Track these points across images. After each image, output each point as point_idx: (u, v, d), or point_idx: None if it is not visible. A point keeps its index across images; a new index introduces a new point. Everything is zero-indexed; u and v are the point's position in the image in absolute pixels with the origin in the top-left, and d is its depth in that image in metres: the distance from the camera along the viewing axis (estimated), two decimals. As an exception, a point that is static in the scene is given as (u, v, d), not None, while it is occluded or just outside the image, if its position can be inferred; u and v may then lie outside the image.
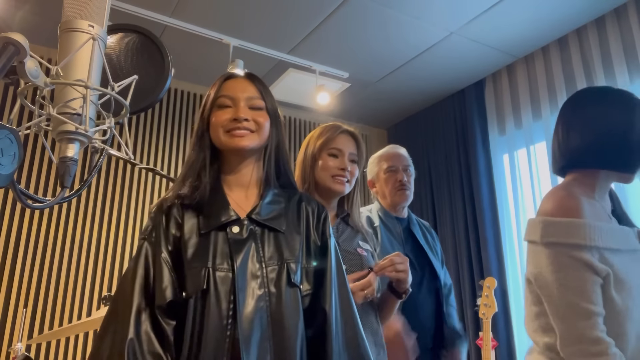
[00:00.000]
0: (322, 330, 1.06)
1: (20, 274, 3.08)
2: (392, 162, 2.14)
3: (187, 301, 1.01)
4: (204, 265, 1.04)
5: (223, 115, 1.17)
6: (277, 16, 3.12)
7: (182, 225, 1.09)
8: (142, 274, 1.04)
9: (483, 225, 3.56)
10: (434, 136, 4.19)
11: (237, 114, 1.16)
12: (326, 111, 4.16)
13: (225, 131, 1.16)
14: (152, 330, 0.98)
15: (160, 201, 1.15)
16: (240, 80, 1.21)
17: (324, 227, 1.19)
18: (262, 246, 1.09)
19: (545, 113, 3.37)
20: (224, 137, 1.16)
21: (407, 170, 2.14)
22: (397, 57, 3.57)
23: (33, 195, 0.83)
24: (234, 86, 1.20)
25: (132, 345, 0.95)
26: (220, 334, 1.00)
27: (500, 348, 3.22)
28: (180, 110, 3.89)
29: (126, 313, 0.98)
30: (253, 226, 1.11)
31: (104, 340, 0.98)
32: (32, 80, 0.74)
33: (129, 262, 1.09)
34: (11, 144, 0.64)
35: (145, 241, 1.09)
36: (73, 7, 0.84)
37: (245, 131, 1.15)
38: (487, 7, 3.03)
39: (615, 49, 3.01)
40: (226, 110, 1.17)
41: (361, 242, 1.61)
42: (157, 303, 1.01)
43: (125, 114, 0.90)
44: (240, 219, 1.11)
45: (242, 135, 1.15)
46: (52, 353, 3.08)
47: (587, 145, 1.29)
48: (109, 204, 3.45)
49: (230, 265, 1.05)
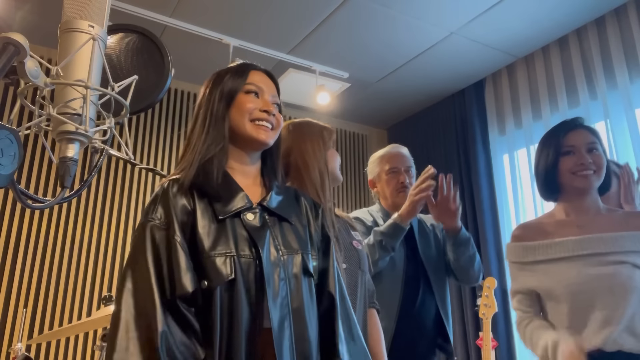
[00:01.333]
0: (330, 315, 1.10)
1: (20, 274, 3.08)
2: (395, 164, 2.11)
3: (211, 291, 0.98)
4: (228, 252, 1.01)
5: (250, 102, 1.15)
6: (277, 16, 3.12)
7: (195, 210, 1.04)
8: (153, 261, 0.98)
9: (483, 225, 3.56)
10: (434, 136, 4.19)
11: (268, 107, 1.15)
12: (326, 111, 4.16)
13: (252, 119, 1.14)
14: (177, 321, 0.95)
15: (167, 183, 1.08)
16: (264, 75, 1.21)
17: (323, 220, 1.22)
18: (277, 235, 1.09)
19: (545, 113, 3.37)
20: (249, 126, 1.13)
21: (409, 172, 2.11)
22: (397, 57, 3.57)
23: (33, 196, 0.83)
24: (260, 78, 1.19)
25: (165, 338, 0.92)
26: (252, 323, 0.98)
27: (500, 348, 3.21)
28: (180, 110, 3.89)
29: (149, 305, 0.93)
30: (265, 214, 1.11)
31: (129, 336, 0.92)
32: (32, 80, 0.74)
33: (132, 247, 1.03)
34: (11, 144, 0.64)
35: (150, 224, 1.02)
36: (73, 7, 0.84)
37: (270, 126, 1.16)
38: (487, 7, 3.03)
39: (615, 49, 3.01)
40: (253, 98, 1.16)
41: (354, 233, 1.63)
42: (178, 293, 0.96)
43: (125, 114, 0.90)
44: (253, 206, 1.10)
45: (267, 129, 1.15)
46: (52, 353, 3.07)
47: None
48: (109, 204, 3.45)
49: (253, 252, 1.03)
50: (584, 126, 1.57)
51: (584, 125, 1.58)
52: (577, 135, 1.54)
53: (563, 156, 1.53)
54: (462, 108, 3.99)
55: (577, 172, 1.50)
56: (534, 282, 1.52)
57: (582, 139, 1.53)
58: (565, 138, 1.54)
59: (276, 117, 1.17)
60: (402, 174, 2.09)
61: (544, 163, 1.55)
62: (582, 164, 1.49)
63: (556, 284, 1.46)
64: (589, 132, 1.55)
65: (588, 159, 1.50)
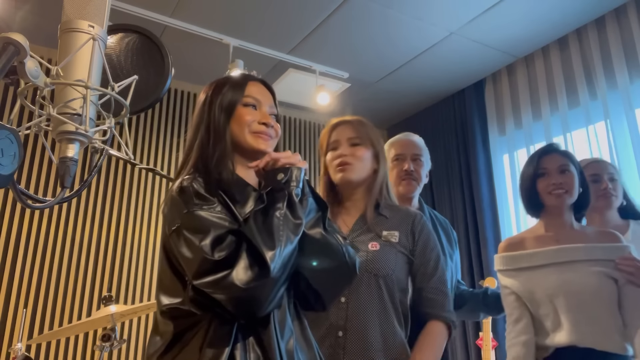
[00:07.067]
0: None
1: (20, 274, 3.08)
2: (400, 150, 1.95)
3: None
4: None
5: (249, 115, 1.17)
6: (277, 16, 3.12)
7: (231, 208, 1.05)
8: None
9: (483, 225, 3.56)
10: (434, 136, 4.19)
11: (266, 119, 1.18)
12: (326, 111, 4.15)
13: (251, 131, 1.17)
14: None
15: (187, 182, 1.04)
16: (261, 86, 1.24)
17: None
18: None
19: (545, 113, 3.37)
20: (249, 137, 1.16)
21: (416, 160, 1.93)
22: (397, 57, 3.57)
23: (33, 196, 0.83)
24: (257, 90, 1.22)
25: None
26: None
27: (500, 348, 3.21)
28: (180, 110, 3.89)
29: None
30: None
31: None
32: (32, 80, 0.74)
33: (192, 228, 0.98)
34: (11, 144, 0.64)
35: (198, 208, 1.00)
36: (73, 7, 0.84)
37: (269, 137, 1.18)
38: (487, 7, 3.03)
39: (615, 49, 3.01)
40: (251, 111, 1.18)
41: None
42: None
43: (125, 114, 0.90)
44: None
45: (267, 140, 1.18)
46: (52, 353, 3.07)
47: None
48: (109, 204, 3.45)
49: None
50: (557, 150, 1.77)
51: (557, 149, 1.77)
52: (549, 159, 1.74)
53: (538, 178, 1.73)
54: (462, 108, 3.99)
55: (550, 191, 1.69)
56: (518, 287, 1.70)
57: (554, 162, 1.72)
58: (539, 162, 1.74)
59: (274, 127, 1.20)
60: (408, 161, 1.92)
61: (524, 184, 1.77)
62: (553, 184, 1.69)
63: (537, 287, 1.65)
64: (561, 155, 1.74)
65: (559, 179, 1.68)
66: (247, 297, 0.93)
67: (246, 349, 0.97)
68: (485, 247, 3.50)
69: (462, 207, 3.79)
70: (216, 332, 0.96)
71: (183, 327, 0.99)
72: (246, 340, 0.98)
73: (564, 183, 1.68)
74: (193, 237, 0.96)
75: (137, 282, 3.41)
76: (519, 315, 1.69)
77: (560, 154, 1.75)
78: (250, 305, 0.94)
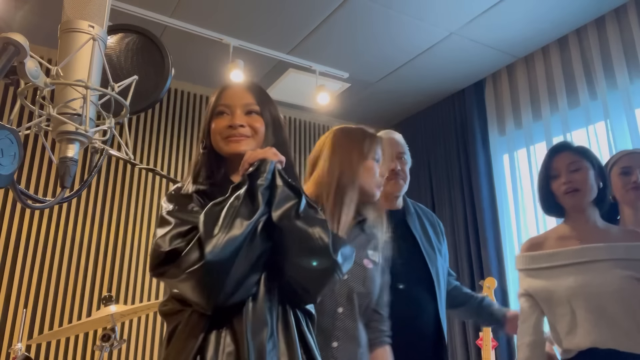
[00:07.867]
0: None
1: (20, 274, 3.08)
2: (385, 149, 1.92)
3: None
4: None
5: (221, 123, 1.21)
6: (277, 16, 3.12)
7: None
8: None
9: (483, 225, 3.56)
10: (434, 136, 4.19)
11: (233, 121, 1.19)
12: (326, 111, 4.16)
13: (223, 138, 1.20)
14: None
15: (175, 190, 1.16)
16: (237, 89, 1.25)
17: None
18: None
19: (545, 113, 3.37)
20: (222, 144, 1.20)
21: (401, 158, 1.93)
22: (397, 57, 3.57)
23: (33, 196, 0.83)
24: (231, 94, 1.24)
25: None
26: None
27: (500, 348, 3.21)
28: (180, 110, 3.89)
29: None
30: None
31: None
32: (32, 80, 0.74)
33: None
34: (11, 144, 0.64)
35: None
36: (73, 8, 0.84)
37: (242, 137, 1.19)
38: (487, 7, 3.03)
39: (615, 49, 3.01)
40: (224, 118, 1.21)
41: (371, 252, 1.51)
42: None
43: (125, 114, 0.90)
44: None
45: (238, 140, 1.19)
46: (52, 353, 3.07)
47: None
48: (109, 204, 3.45)
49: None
50: (569, 148, 1.73)
51: (569, 147, 1.73)
52: (560, 158, 1.70)
53: (551, 179, 1.70)
54: (462, 108, 3.99)
55: (564, 192, 1.67)
56: (537, 287, 1.67)
57: (564, 161, 1.69)
58: (550, 162, 1.72)
59: (249, 125, 1.20)
60: (394, 161, 1.90)
61: (540, 187, 1.75)
62: (564, 184, 1.66)
63: (556, 288, 1.62)
64: (573, 152, 1.70)
65: (569, 178, 1.65)
66: (194, 283, 0.96)
67: (218, 341, 1.00)
68: (485, 247, 3.50)
69: (462, 207, 3.79)
70: (193, 324, 1.01)
71: (175, 324, 1.05)
72: (220, 331, 1.01)
73: (575, 181, 1.64)
74: (156, 233, 1.03)
75: (137, 282, 3.41)
76: (526, 317, 1.68)
77: (572, 151, 1.71)
78: (200, 291, 0.97)
